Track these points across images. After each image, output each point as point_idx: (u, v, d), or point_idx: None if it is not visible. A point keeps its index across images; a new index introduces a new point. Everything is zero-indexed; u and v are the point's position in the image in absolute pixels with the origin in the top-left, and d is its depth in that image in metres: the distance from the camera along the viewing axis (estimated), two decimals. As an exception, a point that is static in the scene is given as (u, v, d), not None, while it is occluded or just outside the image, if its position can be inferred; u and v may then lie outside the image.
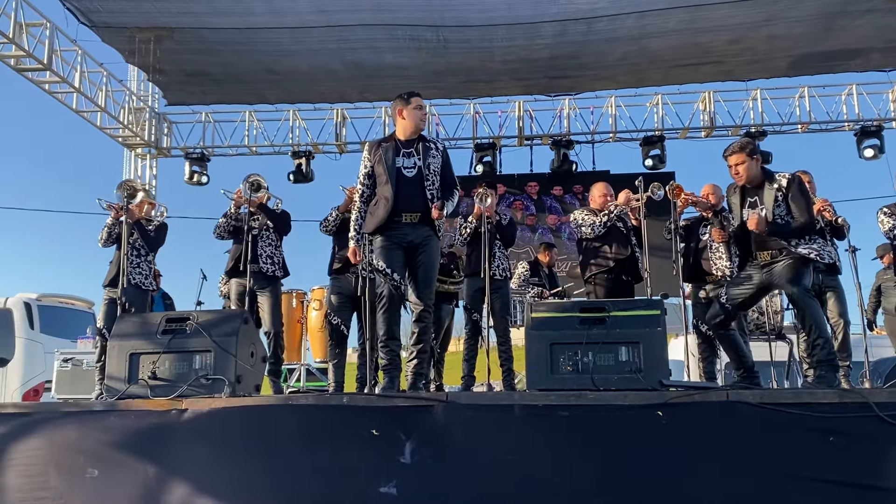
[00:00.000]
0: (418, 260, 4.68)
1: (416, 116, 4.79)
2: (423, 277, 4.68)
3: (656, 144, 11.48)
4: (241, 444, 3.99)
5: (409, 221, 4.66)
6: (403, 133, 4.82)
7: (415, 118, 4.79)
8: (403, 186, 4.68)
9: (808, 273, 4.73)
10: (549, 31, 8.75)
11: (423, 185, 4.70)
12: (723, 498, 3.65)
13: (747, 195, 4.88)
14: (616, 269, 6.08)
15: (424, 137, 4.88)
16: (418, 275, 4.68)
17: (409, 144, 4.78)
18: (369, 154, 4.84)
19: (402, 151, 4.75)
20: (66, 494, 3.97)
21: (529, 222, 11.88)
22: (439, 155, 4.81)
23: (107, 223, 6.21)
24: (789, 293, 4.74)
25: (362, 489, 3.80)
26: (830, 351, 4.64)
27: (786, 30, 9.18)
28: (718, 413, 3.78)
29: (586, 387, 4.07)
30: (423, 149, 4.76)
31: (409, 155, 4.74)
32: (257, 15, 8.39)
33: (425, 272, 4.69)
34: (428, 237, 4.71)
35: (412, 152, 4.74)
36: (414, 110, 4.79)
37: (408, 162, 4.73)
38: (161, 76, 10.10)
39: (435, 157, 4.77)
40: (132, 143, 12.21)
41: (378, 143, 4.86)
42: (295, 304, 8.17)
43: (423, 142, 4.81)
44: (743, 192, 4.90)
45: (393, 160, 4.71)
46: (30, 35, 9.07)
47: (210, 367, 4.33)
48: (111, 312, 5.91)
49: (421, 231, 4.68)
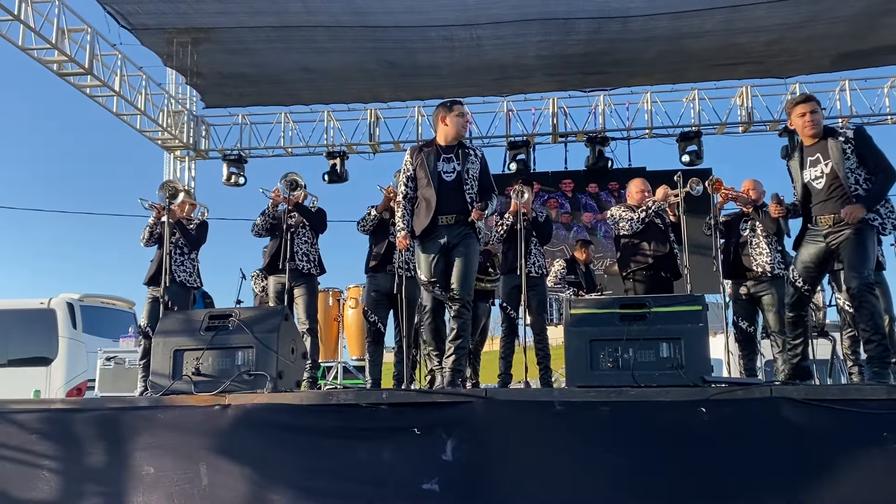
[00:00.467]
0: (455, 257, 4.77)
1: (457, 123, 4.94)
2: (461, 274, 4.74)
3: (693, 140, 11.32)
4: (282, 440, 4.04)
5: (445, 223, 4.79)
6: (444, 139, 4.97)
7: (457, 125, 4.94)
8: (443, 190, 4.82)
9: (873, 250, 4.45)
10: (583, 27, 8.68)
11: (462, 190, 4.83)
12: (766, 495, 3.61)
13: (807, 154, 4.60)
14: (655, 265, 6.03)
15: (464, 144, 5.01)
16: (456, 271, 4.75)
17: (448, 150, 4.93)
18: (411, 158, 4.99)
19: (442, 157, 4.90)
20: (123, 490, 4.05)
21: (564, 220, 11.80)
22: (478, 161, 4.96)
23: (148, 223, 6.33)
24: (850, 286, 4.40)
25: (405, 486, 3.83)
26: (886, 348, 4.45)
27: (826, 30, 9.00)
28: (762, 409, 3.73)
29: (627, 383, 4.04)
30: (462, 154, 4.90)
31: (448, 160, 4.89)
32: (292, 14, 8.46)
33: (462, 268, 4.75)
34: (465, 235, 4.80)
35: (451, 157, 4.89)
36: (456, 117, 4.94)
37: (447, 167, 4.88)
38: (198, 79, 10.23)
39: (474, 163, 4.92)
40: (171, 146, 12.39)
41: (420, 148, 5.02)
42: (331, 302, 8.24)
43: (463, 148, 4.95)
44: (802, 153, 4.63)
45: (434, 165, 4.86)
46: (71, 40, 9.25)
47: (252, 363, 4.39)
48: (154, 311, 6.02)
49: (457, 231, 4.79)
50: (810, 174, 4.57)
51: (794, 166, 4.69)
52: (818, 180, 4.53)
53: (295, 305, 6.12)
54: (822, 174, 4.52)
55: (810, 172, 4.57)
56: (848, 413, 3.65)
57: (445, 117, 4.94)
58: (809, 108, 4.56)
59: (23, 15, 8.38)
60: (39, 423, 4.27)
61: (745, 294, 6.07)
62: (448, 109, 4.95)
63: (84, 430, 4.20)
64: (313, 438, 4.01)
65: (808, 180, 4.58)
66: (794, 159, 4.70)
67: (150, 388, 4.62)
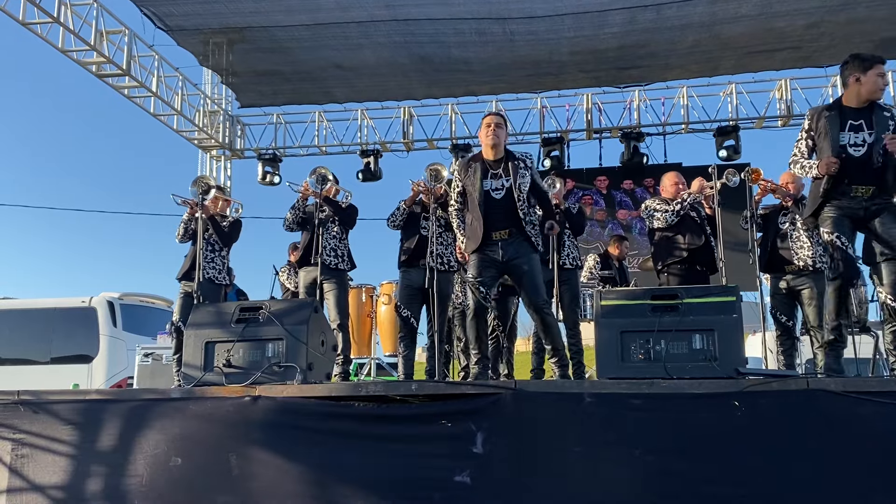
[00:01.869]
0: (516, 269, 4.80)
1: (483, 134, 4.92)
2: (529, 283, 4.78)
3: (731, 135, 11.14)
4: (311, 431, 4.04)
5: (499, 239, 4.78)
6: (486, 153, 4.93)
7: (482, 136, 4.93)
8: (492, 209, 4.80)
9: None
10: (617, 19, 8.60)
11: (514, 206, 4.78)
12: (802, 490, 3.51)
13: (849, 118, 4.38)
14: (689, 258, 5.92)
15: (512, 155, 4.94)
16: (524, 283, 4.80)
17: (496, 165, 4.87)
18: (459, 174, 5.00)
19: (490, 173, 4.85)
20: (151, 482, 4.10)
21: (599, 217, 11.68)
22: (528, 172, 4.89)
23: (182, 219, 6.39)
24: None
25: (438, 478, 3.81)
26: None
27: (867, 13, 8.79)
28: (798, 402, 3.64)
29: (658, 375, 3.97)
30: (511, 168, 4.83)
31: (496, 176, 4.84)
32: (325, 10, 8.52)
33: (529, 279, 4.78)
34: (524, 250, 4.79)
35: (499, 174, 4.83)
36: (483, 128, 4.91)
37: (496, 184, 4.83)
38: (234, 78, 10.37)
39: (524, 177, 4.85)
40: (207, 146, 12.57)
41: (467, 164, 4.99)
42: (364, 298, 8.24)
43: (512, 160, 4.87)
44: (842, 117, 4.39)
45: (480, 183, 4.82)
46: (109, 42, 9.44)
47: (282, 354, 4.40)
48: (186, 306, 6.07)
49: (514, 246, 4.78)
50: (849, 138, 4.36)
51: (823, 127, 4.41)
52: (857, 148, 4.34)
53: (325, 300, 6.13)
54: (863, 142, 4.33)
55: (849, 136, 4.36)
56: (888, 406, 3.54)
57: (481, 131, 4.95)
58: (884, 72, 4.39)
59: (62, 17, 8.57)
60: (75, 414, 4.33)
61: (784, 288, 5.94)
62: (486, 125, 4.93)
63: (117, 420, 4.25)
64: (343, 430, 4.01)
65: (846, 143, 4.35)
66: (828, 115, 4.42)
67: (182, 380, 4.66)
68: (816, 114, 4.51)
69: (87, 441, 4.25)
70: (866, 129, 4.33)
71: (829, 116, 4.41)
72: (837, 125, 4.37)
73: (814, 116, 4.52)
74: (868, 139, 4.32)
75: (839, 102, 4.48)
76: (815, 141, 4.48)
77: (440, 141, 12.17)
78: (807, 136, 4.53)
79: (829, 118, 4.40)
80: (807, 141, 4.53)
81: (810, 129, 4.51)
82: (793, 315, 6.01)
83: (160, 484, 4.09)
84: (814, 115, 4.53)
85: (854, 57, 4.42)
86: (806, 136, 4.54)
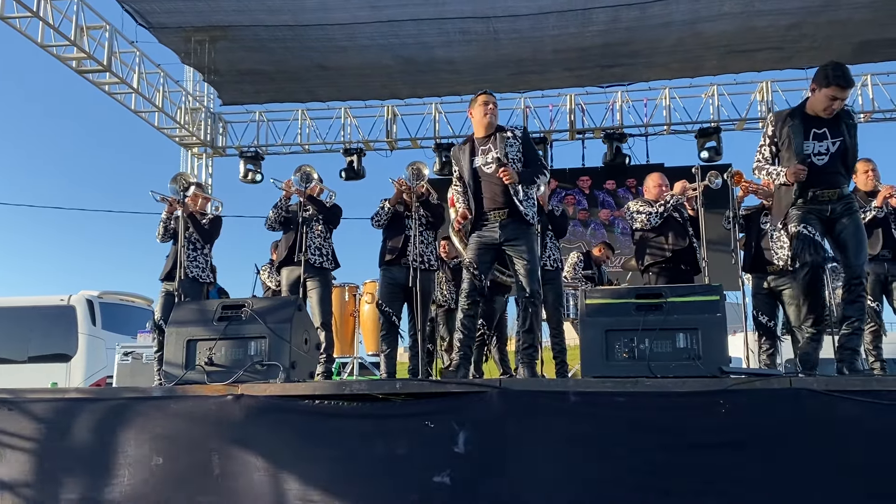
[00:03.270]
0: (511, 253, 4.77)
1: (479, 112, 4.91)
2: (524, 270, 4.73)
3: (712, 136, 11.24)
4: (294, 430, 4.01)
5: (497, 220, 4.76)
6: (478, 131, 4.96)
7: (478, 115, 4.92)
8: (485, 184, 4.79)
9: None
10: (601, 17, 8.62)
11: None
12: (786, 489, 3.53)
13: (812, 126, 4.39)
14: (674, 259, 5.95)
15: (502, 128, 4.95)
16: (517, 267, 4.77)
17: (484, 141, 4.88)
18: (454, 158, 5.04)
19: (479, 150, 4.86)
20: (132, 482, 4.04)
21: (582, 217, 11.73)
22: (517, 141, 4.87)
23: (161, 217, 6.32)
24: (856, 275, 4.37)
25: (417, 478, 3.79)
26: None
27: (847, 15, 8.87)
28: (781, 401, 3.65)
29: (643, 374, 3.97)
30: (499, 140, 4.82)
31: (485, 152, 4.83)
32: (309, 11, 8.47)
33: (524, 264, 4.74)
34: (520, 231, 4.77)
35: (489, 148, 4.83)
36: (479, 107, 4.91)
37: (486, 159, 4.82)
38: (216, 76, 10.28)
39: (512, 146, 4.84)
40: (189, 143, 12.47)
41: (459, 147, 5.03)
42: (347, 297, 8.21)
43: (501, 132, 4.87)
44: (805, 125, 4.40)
45: (470, 161, 4.84)
46: (90, 37, 9.33)
47: (265, 353, 4.36)
48: (168, 305, 6.01)
49: (510, 228, 4.75)
50: (812, 146, 4.39)
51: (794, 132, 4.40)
52: (820, 157, 4.37)
53: (308, 299, 6.09)
54: (826, 151, 4.37)
55: (813, 145, 4.39)
56: (869, 405, 3.57)
57: (471, 110, 4.98)
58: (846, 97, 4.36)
59: (41, 12, 8.46)
60: (53, 413, 4.27)
61: (765, 288, 5.98)
62: (473, 101, 4.99)
63: (96, 419, 4.19)
64: (325, 429, 3.98)
65: (810, 152, 4.38)
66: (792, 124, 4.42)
67: (164, 378, 4.61)
68: (780, 120, 4.51)
69: (65, 440, 4.19)
70: (829, 137, 4.36)
71: (792, 125, 4.43)
72: (801, 133, 4.39)
73: (777, 123, 4.52)
74: (832, 148, 4.37)
75: (802, 109, 4.48)
76: (779, 148, 4.50)
77: (424, 140, 12.16)
78: (770, 143, 4.55)
79: (793, 127, 4.42)
80: (770, 147, 4.55)
81: (774, 136, 4.53)
82: (774, 315, 6.05)
83: (140, 484, 4.04)
84: (777, 121, 4.53)
85: (823, 67, 4.38)
86: (769, 142, 4.55)
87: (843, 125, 4.39)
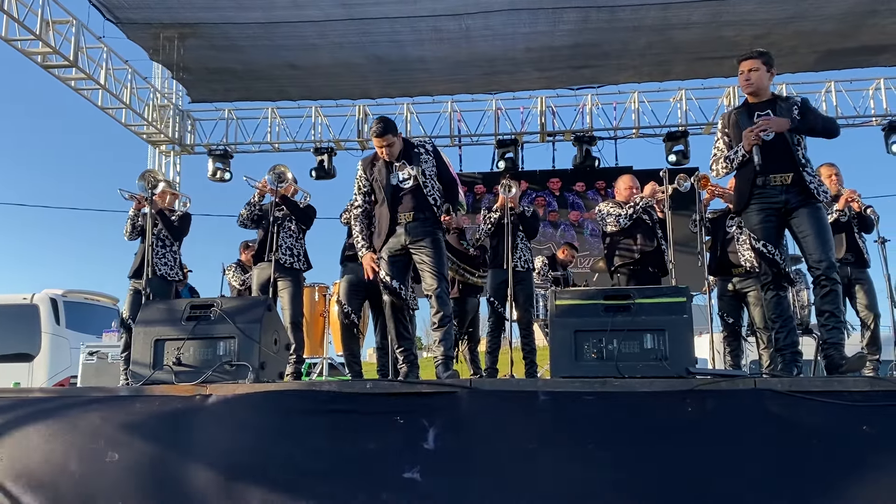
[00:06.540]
0: (416, 253, 4.69)
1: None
2: (428, 268, 4.66)
3: (680, 140, 11.39)
4: (263, 430, 3.99)
5: (405, 221, 4.68)
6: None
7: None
8: (403, 200, 4.70)
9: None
10: (572, 16, 8.69)
11: (422, 193, 4.70)
12: (750, 488, 3.59)
13: (755, 109, 4.50)
14: (642, 260, 6.04)
15: (412, 144, 4.87)
16: (423, 267, 4.69)
17: (400, 157, 4.76)
18: (364, 172, 4.88)
19: (394, 167, 4.73)
20: (86, 479, 3.98)
21: (552, 218, 11.82)
22: (430, 157, 4.81)
23: (129, 214, 6.25)
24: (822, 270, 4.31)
25: (387, 475, 3.79)
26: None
27: (813, 27, 9.08)
28: (746, 401, 3.72)
29: (611, 374, 4.01)
30: (413, 157, 4.75)
31: (402, 167, 4.71)
32: (280, 8, 8.42)
33: (426, 264, 4.66)
34: (425, 232, 4.69)
35: (403, 164, 4.71)
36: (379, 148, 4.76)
37: (402, 175, 4.71)
38: (185, 74, 10.18)
39: (427, 161, 4.77)
40: (156, 140, 12.31)
41: (371, 161, 4.87)
42: (317, 297, 8.18)
43: (412, 149, 4.80)
44: (749, 111, 4.53)
45: (387, 178, 4.73)
46: (56, 32, 9.17)
47: (234, 353, 4.31)
48: (136, 303, 5.94)
49: (418, 229, 4.68)
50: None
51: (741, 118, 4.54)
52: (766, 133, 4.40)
53: (279, 299, 6.06)
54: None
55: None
56: (831, 405, 3.65)
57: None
58: (750, 67, 4.54)
59: (5, 5, 8.31)
60: (16, 412, 4.19)
61: (731, 290, 6.08)
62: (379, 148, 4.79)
63: (60, 418, 4.12)
64: (295, 428, 3.96)
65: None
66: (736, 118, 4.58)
67: (131, 378, 4.56)
68: (727, 116, 4.73)
69: (27, 440, 4.12)
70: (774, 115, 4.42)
71: (738, 113, 4.62)
72: (746, 117, 4.51)
73: (726, 118, 4.73)
74: None
75: (745, 101, 4.68)
76: (731, 137, 4.63)
77: (395, 140, 12.12)
78: (722, 135, 4.69)
79: (739, 114, 4.59)
80: (723, 139, 4.68)
81: (724, 128, 4.69)
82: (739, 317, 6.16)
83: (98, 482, 3.97)
84: (725, 117, 4.75)
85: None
86: (721, 134, 4.70)
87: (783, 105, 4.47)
